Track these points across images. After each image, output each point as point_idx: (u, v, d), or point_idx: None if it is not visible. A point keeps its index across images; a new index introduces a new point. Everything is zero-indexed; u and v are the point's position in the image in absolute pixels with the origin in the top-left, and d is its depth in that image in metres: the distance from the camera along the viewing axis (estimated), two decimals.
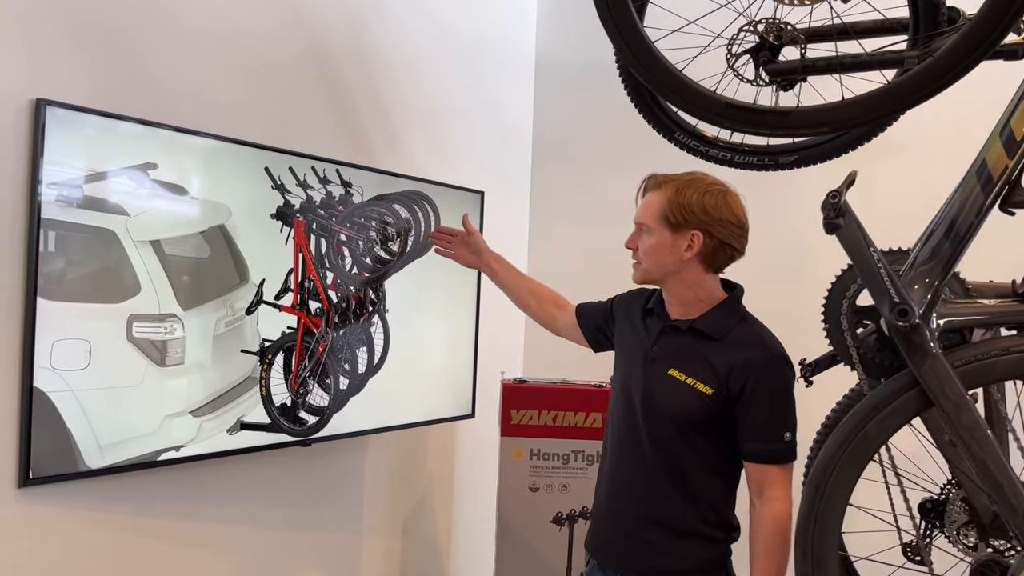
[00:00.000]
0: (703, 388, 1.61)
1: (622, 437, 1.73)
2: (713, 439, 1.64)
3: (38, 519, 1.89)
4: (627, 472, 1.71)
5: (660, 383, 1.66)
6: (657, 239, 1.66)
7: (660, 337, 1.71)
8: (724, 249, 1.64)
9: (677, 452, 1.64)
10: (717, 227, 1.62)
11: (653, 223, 1.66)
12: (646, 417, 1.67)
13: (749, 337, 1.64)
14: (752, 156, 2.23)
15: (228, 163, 2.17)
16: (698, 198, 1.62)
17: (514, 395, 2.82)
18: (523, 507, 2.76)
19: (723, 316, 1.67)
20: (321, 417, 2.42)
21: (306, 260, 2.35)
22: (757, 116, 1.67)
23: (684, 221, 1.62)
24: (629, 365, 1.75)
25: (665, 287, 1.72)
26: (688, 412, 1.62)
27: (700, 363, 1.63)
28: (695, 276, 1.66)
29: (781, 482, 1.60)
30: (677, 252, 1.64)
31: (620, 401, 1.75)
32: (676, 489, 1.65)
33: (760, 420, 1.60)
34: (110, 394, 1.94)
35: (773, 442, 1.60)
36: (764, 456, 1.61)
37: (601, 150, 3.40)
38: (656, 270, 1.68)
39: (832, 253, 2.93)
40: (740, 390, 1.59)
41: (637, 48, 1.71)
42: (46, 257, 1.83)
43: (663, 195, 1.66)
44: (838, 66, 1.84)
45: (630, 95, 2.30)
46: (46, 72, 1.87)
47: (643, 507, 1.68)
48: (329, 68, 2.61)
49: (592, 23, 1.70)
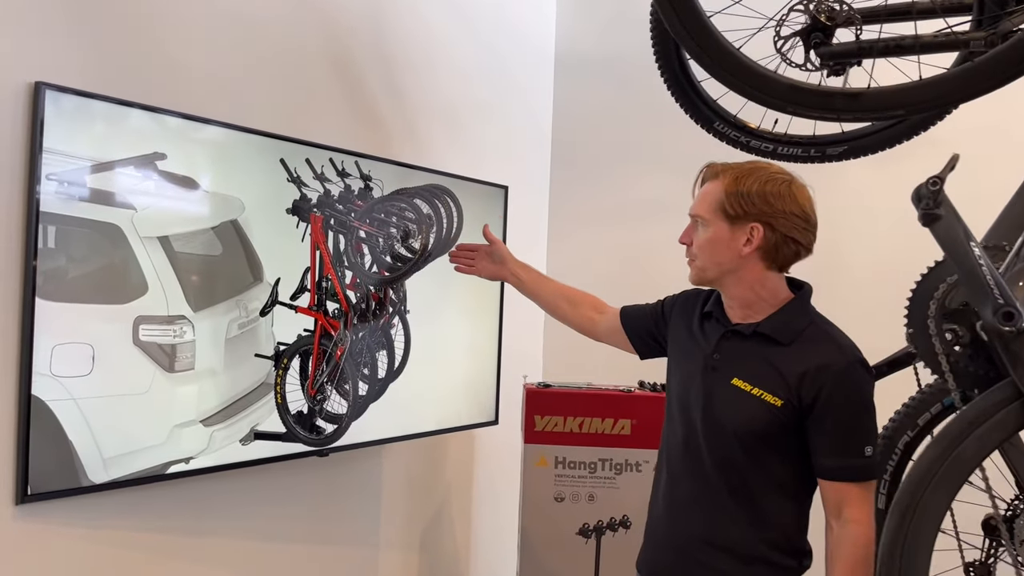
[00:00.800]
0: (771, 399, 1.46)
1: (680, 454, 1.59)
2: (783, 455, 1.49)
3: (37, 538, 1.77)
4: (686, 492, 1.57)
5: (722, 394, 1.52)
6: (713, 232, 1.52)
7: (721, 343, 1.56)
8: (787, 244, 1.49)
9: (742, 470, 1.50)
10: (780, 219, 1.47)
11: (709, 215, 1.52)
12: (707, 432, 1.53)
13: (822, 340, 1.49)
14: (796, 147, 2.11)
15: (241, 154, 2.04)
16: (759, 187, 1.48)
17: (538, 400, 2.70)
18: (547, 518, 2.66)
19: (790, 318, 1.52)
20: (339, 425, 2.28)
21: (323, 258, 2.21)
22: (824, 99, 1.55)
23: (743, 212, 1.48)
24: (686, 375, 1.60)
25: (723, 287, 1.58)
26: (754, 426, 1.48)
27: (767, 371, 1.48)
28: (756, 274, 1.52)
29: (861, 502, 1.45)
30: (735, 247, 1.50)
31: (677, 415, 1.61)
32: (742, 511, 1.50)
33: (837, 433, 1.45)
34: (115, 402, 1.81)
35: (852, 457, 1.45)
36: (842, 473, 1.45)
37: (622, 145, 3.32)
38: (712, 267, 1.54)
39: (865, 250, 2.83)
40: (813, 400, 1.44)
41: (692, 25, 1.57)
42: (45, 254, 1.70)
43: (720, 184, 1.51)
44: (897, 48, 1.70)
45: (667, 82, 2.17)
46: (45, 53, 1.74)
47: (706, 531, 1.54)
48: (346, 56, 2.50)
49: (613, 14, 1.58)
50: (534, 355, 3.42)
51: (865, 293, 2.75)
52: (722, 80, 1.69)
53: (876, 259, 2.79)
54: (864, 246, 2.81)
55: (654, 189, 3.22)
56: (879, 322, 2.70)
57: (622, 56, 3.29)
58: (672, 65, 2.11)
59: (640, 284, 3.28)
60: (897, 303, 1.61)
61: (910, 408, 1.81)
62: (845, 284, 2.79)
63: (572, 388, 2.73)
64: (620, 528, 2.66)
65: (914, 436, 1.79)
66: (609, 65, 3.33)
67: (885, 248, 2.77)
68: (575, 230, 3.42)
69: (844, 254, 2.81)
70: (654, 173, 3.24)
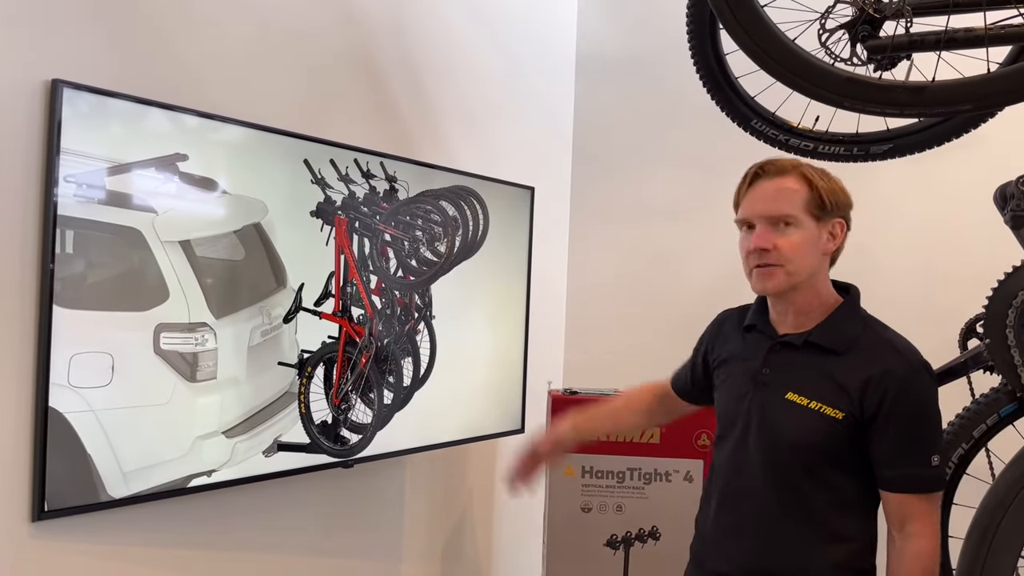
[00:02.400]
0: (831, 412, 1.38)
1: (731, 477, 1.50)
2: (845, 470, 1.41)
3: (54, 556, 1.71)
4: (741, 517, 1.48)
5: (776, 410, 1.43)
6: (806, 233, 1.40)
7: (769, 357, 1.47)
8: (846, 240, 1.46)
9: (802, 490, 1.41)
10: (848, 212, 1.45)
11: (799, 211, 1.40)
12: (762, 451, 1.44)
13: (881, 345, 1.41)
14: (839, 145, 2.05)
15: (264, 155, 1.97)
16: (836, 180, 1.43)
17: (564, 407, 2.61)
18: (574, 529, 2.59)
19: (843, 323, 1.44)
20: (364, 435, 2.21)
21: (348, 262, 2.14)
22: (885, 93, 1.47)
23: (834, 207, 1.42)
24: (735, 395, 1.51)
25: (798, 294, 1.45)
26: (815, 442, 1.39)
27: (825, 382, 1.40)
28: (823, 277, 1.45)
29: (926, 514, 1.37)
30: (821, 245, 1.42)
31: (726, 436, 1.52)
32: (801, 534, 1.42)
33: (901, 442, 1.37)
34: (135, 414, 1.74)
35: (917, 467, 1.37)
36: (906, 484, 1.37)
37: (643, 145, 3.26)
38: (804, 271, 1.41)
39: (896, 252, 2.75)
40: (877, 408, 1.36)
41: (744, 14, 1.49)
42: (63, 260, 1.63)
43: (801, 180, 1.41)
44: (951, 41, 1.62)
45: (703, 79, 2.10)
46: (62, 50, 1.67)
47: (763, 558, 1.45)
48: (369, 56, 2.44)
49: (634, 16, 1.51)
50: (555, 360, 3.35)
51: (900, 296, 2.67)
52: (773, 72, 1.62)
53: (910, 262, 2.71)
54: (897, 248, 2.74)
55: (676, 189, 3.16)
56: (915, 326, 2.65)
57: (643, 57, 3.23)
58: (708, 61, 2.04)
59: (662, 284, 3.23)
60: (934, 307, 1.55)
61: (964, 420, 1.73)
62: (879, 287, 2.71)
63: (599, 394, 2.66)
64: (649, 539, 2.58)
65: (969, 449, 1.72)
66: (630, 66, 3.27)
67: (920, 250, 2.69)
68: (597, 231, 3.35)
69: (878, 256, 2.73)
70: (676, 173, 3.18)
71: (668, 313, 3.08)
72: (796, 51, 1.51)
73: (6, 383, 1.61)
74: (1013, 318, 1.44)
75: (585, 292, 3.34)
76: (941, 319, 2.04)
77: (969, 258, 2.42)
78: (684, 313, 1.73)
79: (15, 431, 1.62)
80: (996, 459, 1.73)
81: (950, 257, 2.60)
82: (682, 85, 2.13)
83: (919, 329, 2.71)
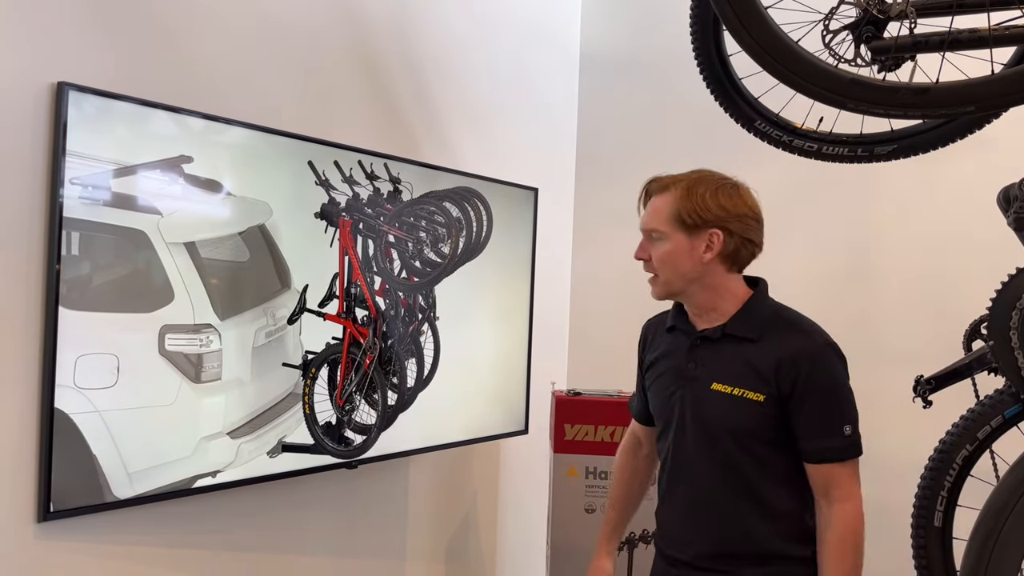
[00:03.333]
0: (753, 396, 1.48)
1: (674, 469, 1.59)
2: (776, 446, 1.51)
3: (60, 557, 1.71)
4: (688, 504, 1.58)
5: (706, 401, 1.53)
6: (673, 245, 1.53)
7: (692, 352, 1.57)
8: (745, 245, 1.53)
9: (742, 469, 1.51)
10: (735, 222, 1.51)
11: (666, 227, 1.53)
12: (698, 440, 1.54)
13: (788, 329, 1.52)
14: (843, 146, 2.03)
15: (268, 156, 1.98)
16: (712, 195, 1.52)
17: (568, 408, 2.63)
18: (578, 530, 2.58)
19: (753, 313, 1.55)
20: (368, 436, 2.21)
21: (352, 263, 2.14)
22: (888, 94, 1.46)
23: (701, 220, 1.51)
24: (667, 393, 1.60)
25: (688, 297, 1.58)
26: (744, 425, 1.50)
27: (744, 369, 1.50)
28: (719, 279, 1.54)
29: (847, 480, 1.47)
30: (696, 255, 1.52)
31: (666, 433, 1.61)
32: (748, 510, 1.52)
33: (816, 416, 1.47)
34: (140, 415, 1.75)
35: (833, 438, 1.47)
36: (825, 454, 1.48)
37: (647, 146, 3.25)
38: (677, 280, 1.54)
39: (904, 253, 2.74)
40: (792, 388, 1.47)
41: (745, 14, 1.49)
42: (69, 261, 1.64)
43: (672, 196, 1.54)
44: (955, 43, 1.62)
45: (706, 80, 2.09)
46: (67, 53, 1.68)
47: (715, 539, 1.54)
48: (373, 57, 2.44)
49: (638, 15, 1.51)
50: (559, 361, 3.34)
51: (908, 297, 2.67)
52: (776, 73, 1.61)
53: (913, 262, 2.70)
54: (905, 249, 2.73)
55: None
56: (923, 326, 2.64)
57: (647, 58, 3.22)
58: (712, 61, 2.03)
59: None
60: (942, 307, 1.54)
61: (968, 421, 1.72)
62: (886, 287, 2.71)
63: (603, 396, 2.66)
64: (653, 540, 2.58)
65: (973, 450, 1.71)
66: (634, 67, 3.27)
67: (927, 251, 2.69)
68: (600, 231, 3.34)
69: (885, 257, 2.72)
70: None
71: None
72: (799, 52, 1.50)
73: (12, 384, 1.61)
74: (1017, 320, 1.43)
75: (589, 293, 3.34)
76: (949, 320, 2.03)
77: (977, 259, 2.40)
78: None
79: (21, 432, 1.62)
80: (1000, 461, 1.73)
81: (958, 258, 2.59)
82: (686, 86, 2.12)
83: (926, 329, 2.71)
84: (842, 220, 2.79)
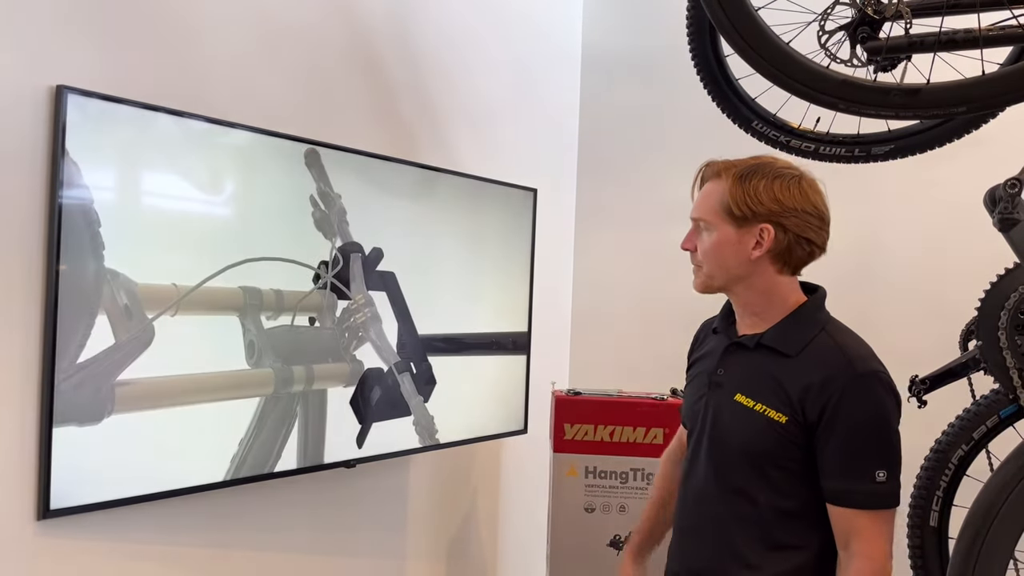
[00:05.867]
0: (775, 415, 1.34)
1: (688, 479, 1.49)
2: (795, 477, 1.35)
3: (60, 555, 1.72)
4: (691, 518, 1.48)
5: (726, 411, 1.41)
6: (719, 236, 1.40)
7: (724, 357, 1.45)
8: (801, 244, 1.38)
9: (750, 495, 1.37)
10: (791, 218, 1.36)
11: (713, 217, 1.40)
12: (713, 453, 1.42)
13: (830, 351, 1.35)
14: (840, 146, 2.04)
15: (265, 158, 1.98)
16: (766, 185, 1.36)
17: (567, 408, 2.63)
18: (578, 529, 2.59)
19: (797, 326, 1.40)
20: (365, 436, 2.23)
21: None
22: (879, 95, 1.47)
23: (751, 213, 1.36)
24: (695, 395, 1.51)
25: (733, 295, 1.46)
26: (760, 445, 1.35)
27: (771, 385, 1.36)
28: (767, 279, 1.40)
29: (872, 533, 1.30)
30: (744, 251, 1.38)
31: (690, 438, 1.52)
32: (748, 542, 1.38)
33: (843, 453, 1.30)
34: (142, 414, 1.76)
35: (859, 481, 1.30)
36: (848, 498, 1.31)
37: (650, 145, 3.25)
38: (720, 274, 1.42)
39: (903, 252, 2.74)
40: (819, 416, 1.31)
41: (736, 17, 1.50)
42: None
43: (723, 184, 1.40)
44: (951, 43, 1.62)
45: (703, 80, 2.10)
46: (66, 56, 1.69)
47: (709, 561, 1.43)
48: (371, 60, 2.45)
49: (640, 13, 1.51)
50: (560, 361, 3.35)
51: (907, 296, 2.66)
52: (767, 75, 1.62)
53: (917, 261, 2.70)
54: (904, 247, 2.73)
55: (681, 190, 3.10)
56: (921, 325, 2.64)
57: (648, 57, 3.22)
58: (709, 62, 2.04)
59: (668, 285, 3.21)
60: (940, 306, 1.53)
61: (964, 421, 1.72)
62: (885, 286, 2.70)
63: (603, 396, 2.66)
64: None
65: (969, 450, 1.71)
66: (635, 66, 3.26)
67: (926, 250, 2.68)
68: (602, 232, 3.34)
69: (884, 255, 2.72)
70: (683, 174, 3.11)
71: (673, 314, 3.06)
72: (790, 54, 1.50)
73: (14, 383, 1.62)
74: (1005, 320, 1.43)
75: (590, 293, 3.34)
76: (947, 319, 2.02)
77: (976, 258, 2.40)
78: (689, 314, 1.73)
79: (21, 430, 1.64)
80: (996, 461, 1.72)
81: (957, 258, 2.59)
82: (688, 86, 2.12)
83: (925, 328, 2.70)
84: (840, 220, 2.78)
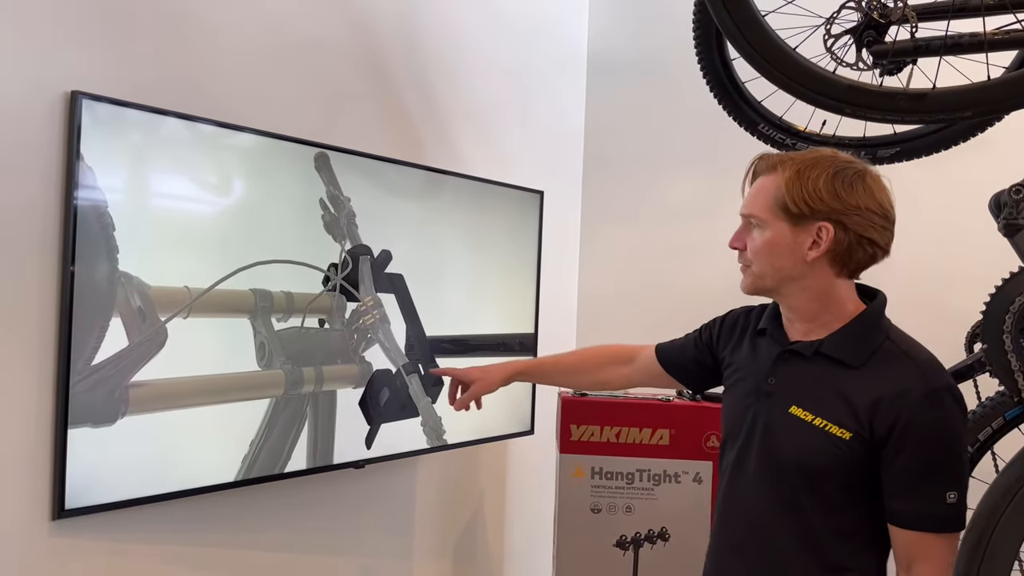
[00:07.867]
0: (838, 431, 1.24)
1: (732, 494, 1.39)
2: (854, 496, 1.27)
3: (74, 555, 1.74)
4: (738, 535, 1.37)
5: (779, 425, 1.31)
6: (772, 235, 1.28)
7: (777, 365, 1.34)
8: (863, 246, 1.27)
9: (804, 514, 1.28)
10: (853, 216, 1.25)
11: (766, 214, 1.29)
12: (761, 468, 1.33)
13: (900, 362, 1.25)
14: (846, 149, 2.04)
15: (276, 161, 2.00)
16: (827, 180, 1.25)
17: (574, 409, 2.64)
18: (584, 530, 2.59)
19: (861, 334, 1.29)
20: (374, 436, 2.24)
21: None
22: (886, 100, 1.49)
23: (809, 211, 1.25)
24: (739, 404, 1.40)
25: (783, 298, 1.34)
26: (818, 463, 1.26)
27: (833, 398, 1.26)
28: (823, 282, 1.29)
29: (936, 557, 1.22)
30: (799, 251, 1.27)
31: (729, 449, 1.41)
32: (801, 564, 1.29)
33: (912, 473, 1.22)
34: (155, 415, 1.77)
35: (929, 503, 1.22)
36: (914, 521, 1.23)
37: (656, 147, 3.25)
38: (772, 275, 1.30)
39: (911, 253, 2.74)
40: (888, 433, 1.22)
41: (742, 21, 1.51)
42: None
43: (779, 178, 1.28)
44: (955, 47, 1.64)
45: (709, 83, 2.11)
46: (80, 62, 1.71)
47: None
48: (378, 62, 2.45)
49: (646, 15, 1.52)
50: None
51: (914, 297, 2.66)
52: (774, 80, 1.64)
53: (925, 263, 2.70)
54: (912, 249, 2.72)
55: (690, 192, 3.15)
56: (928, 327, 2.63)
57: (654, 59, 3.22)
58: (715, 66, 2.06)
59: (674, 287, 3.22)
60: (948, 309, 1.54)
61: (970, 423, 1.73)
62: (892, 287, 2.69)
63: (609, 397, 2.67)
64: (659, 540, 2.59)
65: (974, 452, 1.72)
66: (641, 68, 3.26)
67: (934, 252, 2.69)
68: (608, 234, 3.35)
69: (892, 257, 2.71)
70: (687, 175, 3.17)
71: (680, 315, 3.05)
72: (797, 58, 1.52)
73: (29, 384, 1.64)
74: (1010, 323, 1.44)
75: (596, 294, 3.34)
76: (954, 321, 2.03)
77: (983, 260, 2.41)
78: (696, 315, 1.74)
79: (37, 430, 1.65)
80: (1002, 462, 1.74)
81: (964, 259, 2.59)
82: (694, 87, 2.12)
83: (932, 330, 2.69)
84: None
